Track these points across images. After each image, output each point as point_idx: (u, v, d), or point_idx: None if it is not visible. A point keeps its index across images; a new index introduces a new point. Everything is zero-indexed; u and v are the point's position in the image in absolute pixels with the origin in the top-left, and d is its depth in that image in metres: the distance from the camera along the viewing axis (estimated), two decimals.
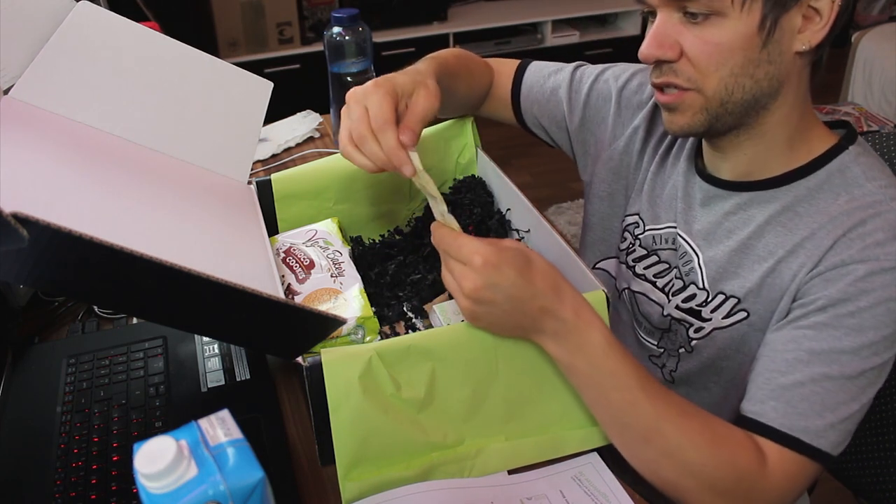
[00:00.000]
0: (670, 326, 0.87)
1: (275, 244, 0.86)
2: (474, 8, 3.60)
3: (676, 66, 0.73)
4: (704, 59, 0.71)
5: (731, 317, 0.80)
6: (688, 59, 0.72)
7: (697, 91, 0.73)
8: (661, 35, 0.72)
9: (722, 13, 0.69)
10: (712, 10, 0.69)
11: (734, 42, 0.70)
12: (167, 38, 0.92)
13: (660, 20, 0.73)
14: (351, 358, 0.65)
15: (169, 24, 1.33)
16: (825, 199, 0.75)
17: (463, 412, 0.69)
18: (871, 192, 0.73)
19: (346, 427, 0.65)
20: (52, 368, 0.86)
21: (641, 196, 0.92)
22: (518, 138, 1.18)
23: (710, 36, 0.70)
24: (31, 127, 0.77)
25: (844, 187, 0.74)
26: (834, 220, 0.73)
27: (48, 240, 0.54)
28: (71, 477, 0.72)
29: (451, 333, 0.68)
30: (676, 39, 0.72)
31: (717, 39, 0.70)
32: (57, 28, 0.84)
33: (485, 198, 0.95)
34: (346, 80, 1.26)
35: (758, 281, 0.77)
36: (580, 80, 1.00)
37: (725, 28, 0.70)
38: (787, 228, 0.76)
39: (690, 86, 0.73)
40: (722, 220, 0.82)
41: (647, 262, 0.90)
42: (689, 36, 0.72)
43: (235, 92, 0.95)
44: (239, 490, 0.49)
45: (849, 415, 0.69)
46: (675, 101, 0.75)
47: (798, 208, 0.76)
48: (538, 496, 0.69)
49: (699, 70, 0.72)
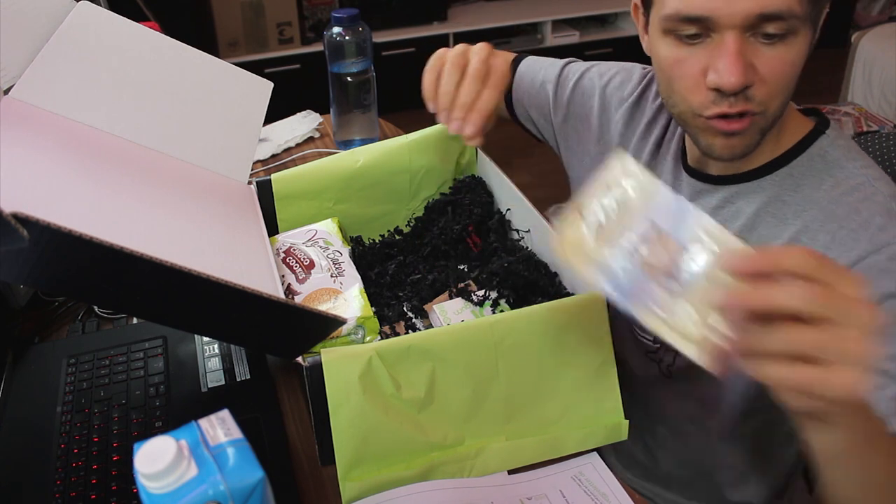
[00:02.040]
0: None
1: (275, 244, 0.86)
2: (474, 8, 3.61)
3: (750, 91, 0.68)
4: (782, 80, 0.68)
5: None
6: (762, 81, 0.68)
7: (762, 114, 0.70)
8: (745, 57, 0.66)
9: (796, 31, 0.66)
10: (790, 29, 0.65)
11: (801, 58, 0.68)
12: (167, 38, 0.92)
13: (739, 43, 0.66)
14: (351, 358, 0.65)
15: (169, 24, 1.33)
16: (810, 184, 0.75)
17: (463, 412, 0.69)
18: (853, 174, 0.74)
19: (346, 427, 0.66)
20: (52, 368, 0.86)
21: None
22: (518, 138, 1.17)
23: (787, 55, 0.67)
24: (31, 127, 0.77)
25: (826, 170, 0.75)
26: (823, 209, 0.73)
27: (48, 240, 0.54)
28: (71, 477, 0.72)
29: (451, 333, 0.68)
30: (752, 62, 0.67)
31: (793, 58, 0.67)
32: (57, 28, 0.84)
33: (485, 198, 0.95)
34: (346, 80, 1.26)
35: None
36: (567, 76, 1.00)
37: (798, 46, 0.67)
38: (777, 219, 0.77)
39: (760, 109, 0.70)
40: (712, 215, 0.82)
41: None
42: (765, 57, 0.67)
43: (236, 92, 0.95)
44: (239, 490, 0.49)
45: None
46: (744, 126, 0.71)
47: (785, 197, 0.76)
48: (538, 496, 0.69)
49: (771, 92, 0.68)
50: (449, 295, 0.81)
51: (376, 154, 0.95)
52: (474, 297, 0.79)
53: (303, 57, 3.18)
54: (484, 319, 0.69)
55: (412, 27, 3.36)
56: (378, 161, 0.95)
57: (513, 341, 0.69)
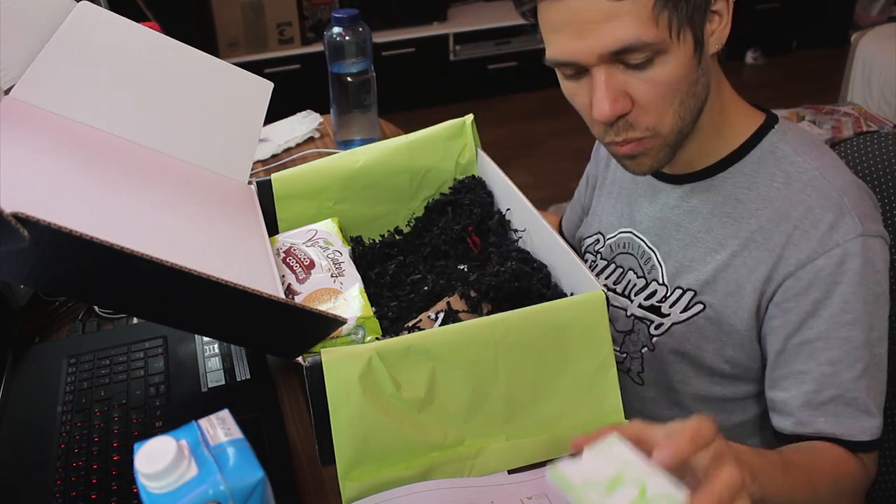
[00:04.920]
0: (633, 327, 0.88)
1: (275, 244, 0.86)
2: (474, 8, 3.60)
3: (631, 119, 0.71)
4: (657, 100, 0.70)
5: (689, 310, 0.81)
6: (640, 106, 0.70)
7: (654, 136, 0.73)
8: (613, 91, 0.69)
9: (664, 51, 0.68)
10: (655, 52, 0.67)
11: (679, 73, 0.69)
12: (168, 38, 0.92)
13: (605, 76, 0.69)
14: (351, 358, 0.65)
15: (169, 24, 1.33)
16: (763, 182, 0.77)
17: (463, 412, 0.69)
18: (804, 169, 0.75)
19: (346, 427, 0.66)
20: (53, 368, 0.86)
21: (597, 211, 0.96)
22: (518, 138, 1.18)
23: (659, 77, 0.69)
24: (31, 127, 0.77)
25: (777, 166, 0.77)
26: (777, 210, 0.75)
27: (48, 240, 0.54)
28: (71, 477, 0.72)
29: (451, 333, 0.68)
30: (625, 91, 0.69)
31: (667, 78, 0.69)
32: (57, 28, 0.85)
33: (485, 198, 0.95)
34: (346, 80, 1.27)
35: (711, 273, 0.79)
36: (584, 184, 1.04)
37: (669, 63, 0.68)
38: (732, 218, 0.78)
39: (648, 134, 0.72)
40: (668, 214, 0.84)
41: (607, 272, 0.92)
42: (636, 84, 0.69)
43: (236, 92, 0.95)
44: (239, 490, 0.49)
45: (884, 388, 0.75)
46: (635, 149, 0.74)
47: (739, 195, 0.78)
48: (538, 496, 0.69)
49: (654, 113, 0.71)
50: (450, 305, 0.80)
51: (376, 154, 0.95)
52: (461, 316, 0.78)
53: (303, 57, 3.18)
54: (484, 319, 0.69)
55: (412, 27, 3.36)
56: (378, 161, 0.95)
57: (513, 341, 0.69)
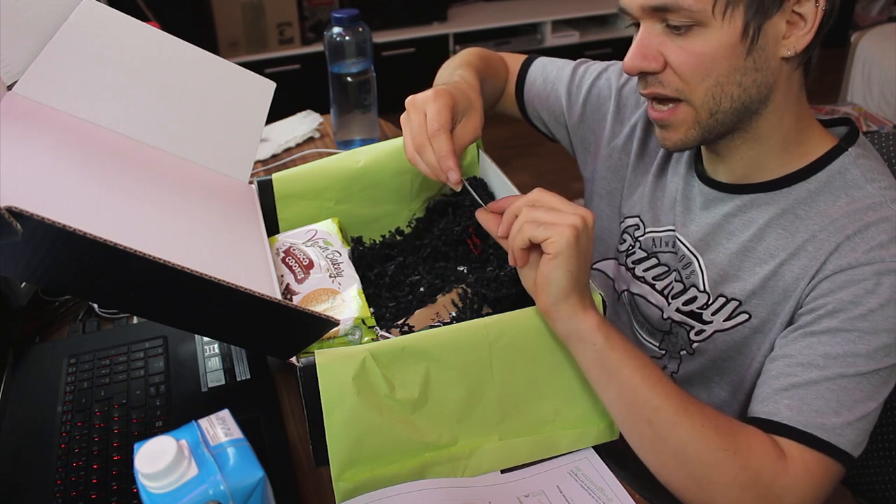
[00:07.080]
0: (671, 329, 0.87)
1: (275, 244, 0.86)
2: (474, 8, 3.61)
3: (662, 77, 0.73)
4: (689, 69, 0.71)
5: (733, 319, 0.80)
6: (672, 69, 0.72)
7: (687, 102, 0.73)
8: (645, 47, 0.72)
9: (704, 23, 0.69)
10: (694, 21, 0.69)
11: (717, 52, 0.70)
12: (171, 36, 0.92)
13: (643, 31, 0.72)
14: (345, 359, 0.65)
15: (169, 24, 1.33)
16: (825, 201, 0.75)
17: (457, 412, 0.69)
18: (871, 194, 0.73)
19: (339, 428, 0.66)
20: (53, 368, 0.86)
21: (643, 198, 0.92)
22: (518, 138, 1.18)
23: (693, 46, 0.70)
24: (34, 123, 0.77)
25: (844, 189, 0.74)
26: (835, 222, 0.73)
27: (43, 235, 0.54)
28: (71, 477, 0.72)
29: (445, 334, 0.68)
30: (660, 51, 0.72)
31: (700, 49, 0.70)
32: (61, 25, 0.85)
33: (485, 198, 0.95)
34: (346, 80, 1.27)
35: (759, 283, 0.77)
36: (581, 76, 1.00)
37: (708, 38, 0.69)
38: (787, 231, 0.76)
39: (678, 96, 0.73)
40: (722, 223, 0.82)
41: (646, 265, 0.90)
42: (672, 47, 0.71)
43: (238, 91, 0.95)
44: (239, 490, 0.49)
45: (865, 413, 0.68)
46: (667, 117, 0.75)
47: (798, 210, 0.76)
48: (535, 493, 0.70)
49: (685, 81, 0.72)
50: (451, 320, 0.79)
51: (378, 154, 0.95)
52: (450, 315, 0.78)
53: (303, 57, 3.18)
54: (478, 320, 0.69)
55: (412, 27, 3.36)
56: (379, 162, 0.95)
57: (507, 342, 0.69)
